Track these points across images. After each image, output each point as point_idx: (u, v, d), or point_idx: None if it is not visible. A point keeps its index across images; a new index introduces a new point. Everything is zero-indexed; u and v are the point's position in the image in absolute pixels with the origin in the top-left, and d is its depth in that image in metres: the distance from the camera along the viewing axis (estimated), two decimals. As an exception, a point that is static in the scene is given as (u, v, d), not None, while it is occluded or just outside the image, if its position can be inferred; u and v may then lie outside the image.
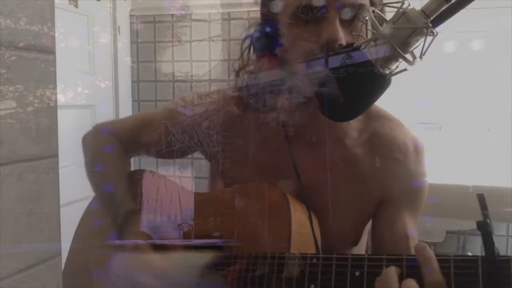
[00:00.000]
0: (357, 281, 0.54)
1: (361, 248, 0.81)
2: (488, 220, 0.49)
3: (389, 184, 0.73)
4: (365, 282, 0.53)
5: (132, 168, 0.90)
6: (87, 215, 0.84)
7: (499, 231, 1.66)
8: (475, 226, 0.51)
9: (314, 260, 0.57)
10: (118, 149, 0.83)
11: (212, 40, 0.65)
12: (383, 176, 0.73)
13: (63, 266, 0.66)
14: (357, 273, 0.54)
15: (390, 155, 0.74)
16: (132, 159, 0.94)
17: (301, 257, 0.58)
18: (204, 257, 0.64)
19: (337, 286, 0.55)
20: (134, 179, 0.81)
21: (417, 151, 0.76)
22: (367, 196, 0.74)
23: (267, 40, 0.69)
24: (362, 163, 0.73)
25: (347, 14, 0.62)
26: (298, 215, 0.65)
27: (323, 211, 0.70)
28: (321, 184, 0.71)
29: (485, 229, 0.49)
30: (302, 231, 0.65)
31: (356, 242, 0.78)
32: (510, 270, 0.47)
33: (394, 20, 0.57)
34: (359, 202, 0.74)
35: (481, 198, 0.51)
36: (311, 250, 0.64)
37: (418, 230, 0.73)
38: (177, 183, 0.77)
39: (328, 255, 0.57)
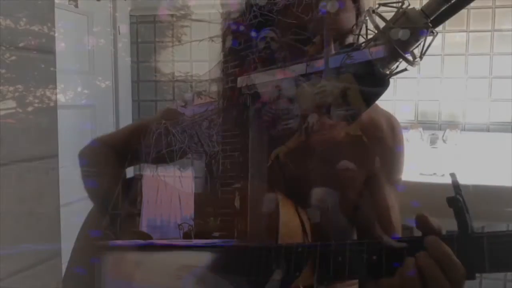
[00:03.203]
0: (340, 266, 0.55)
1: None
2: (458, 196, 0.50)
3: (371, 163, 0.77)
4: (347, 267, 0.54)
5: (133, 169, 0.90)
6: (90, 218, 0.84)
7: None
8: (479, 225, 0.51)
9: (299, 249, 0.58)
10: (115, 160, 0.85)
11: (212, 40, 0.65)
12: (367, 157, 0.76)
13: (63, 266, 0.66)
14: (340, 258, 0.55)
15: (370, 135, 0.76)
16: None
17: (286, 247, 0.59)
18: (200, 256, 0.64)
19: (321, 272, 0.56)
20: (133, 182, 0.81)
21: (392, 126, 0.80)
22: (353, 181, 0.76)
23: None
24: (346, 150, 0.74)
25: None
26: (287, 209, 0.66)
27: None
28: (307, 176, 0.72)
29: (455, 205, 0.50)
30: (291, 224, 0.66)
31: (352, 223, 0.79)
32: (483, 246, 0.48)
33: (394, 20, 0.57)
34: (347, 190, 0.75)
35: (453, 177, 0.52)
36: (299, 241, 0.65)
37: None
38: (176, 182, 0.77)
39: (312, 243, 0.58)
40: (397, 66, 0.60)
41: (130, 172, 0.90)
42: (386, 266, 0.52)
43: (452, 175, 0.52)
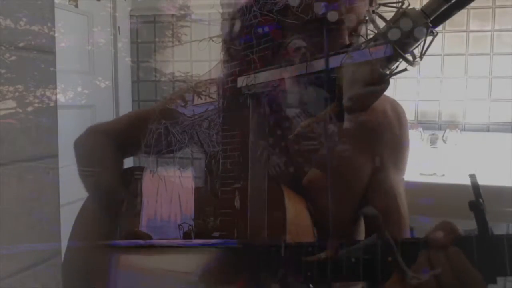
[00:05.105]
0: (352, 267, 0.54)
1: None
2: (480, 200, 0.50)
3: (378, 151, 0.77)
4: (361, 267, 0.54)
5: (132, 164, 0.90)
6: (83, 213, 0.84)
7: (499, 231, 1.65)
8: (475, 226, 0.51)
9: (310, 249, 0.57)
10: (112, 149, 0.83)
11: (212, 40, 0.65)
12: (373, 146, 0.76)
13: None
14: (353, 259, 0.54)
15: (376, 122, 0.76)
16: (132, 159, 0.94)
17: (297, 246, 0.59)
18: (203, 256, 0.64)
19: (334, 272, 0.55)
20: (133, 177, 0.81)
21: (397, 112, 0.79)
22: (360, 171, 0.76)
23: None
24: (354, 139, 0.74)
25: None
26: (293, 205, 0.66)
27: (320, 197, 0.70)
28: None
29: (477, 208, 0.50)
30: (298, 221, 0.65)
31: (356, 219, 0.79)
32: (504, 248, 0.48)
33: (394, 20, 0.57)
34: (354, 180, 0.76)
35: (473, 178, 0.52)
36: (309, 239, 0.65)
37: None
38: (177, 182, 0.77)
39: (323, 242, 0.57)
40: (397, 66, 0.60)
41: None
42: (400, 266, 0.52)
43: (472, 177, 0.52)
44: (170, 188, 0.77)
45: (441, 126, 1.70)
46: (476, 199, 0.50)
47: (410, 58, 0.58)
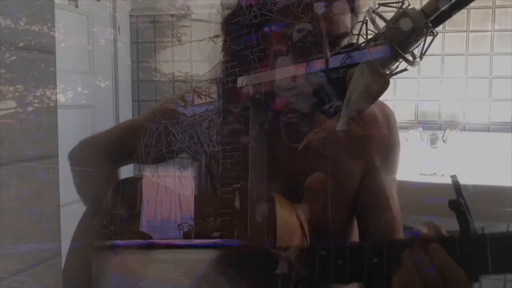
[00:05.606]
0: (340, 269, 0.55)
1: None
2: (461, 199, 0.50)
3: (368, 155, 0.77)
4: (347, 270, 0.54)
5: (133, 169, 0.90)
6: (84, 220, 0.84)
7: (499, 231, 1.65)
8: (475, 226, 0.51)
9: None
10: (106, 160, 0.84)
11: (212, 40, 0.65)
12: (363, 150, 0.77)
13: (62, 266, 0.66)
14: (340, 262, 0.55)
15: (366, 127, 0.76)
16: (132, 164, 0.94)
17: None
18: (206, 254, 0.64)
19: (321, 275, 0.56)
20: (128, 183, 0.81)
21: (387, 115, 0.80)
22: (351, 174, 0.76)
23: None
24: (345, 144, 0.74)
25: None
26: (284, 211, 0.66)
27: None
28: (305, 174, 0.72)
29: (457, 208, 0.50)
30: (289, 227, 0.65)
31: (350, 221, 0.80)
32: (486, 248, 0.48)
33: (394, 20, 0.57)
34: (347, 182, 0.76)
35: (455, 180, 0.52)
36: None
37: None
38: (177, 182, 0.77)
39: (312, 246, 0.58)
40: (397, 66, 0.60)
41: (130, 172, 0.90)
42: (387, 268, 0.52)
43: (453, 177, 0.52)
44: (170, 188, 0.77)
45: (441, 126, 1.70)
46: (457, 198, 0.50)
47: (410, 58, 0.59)
